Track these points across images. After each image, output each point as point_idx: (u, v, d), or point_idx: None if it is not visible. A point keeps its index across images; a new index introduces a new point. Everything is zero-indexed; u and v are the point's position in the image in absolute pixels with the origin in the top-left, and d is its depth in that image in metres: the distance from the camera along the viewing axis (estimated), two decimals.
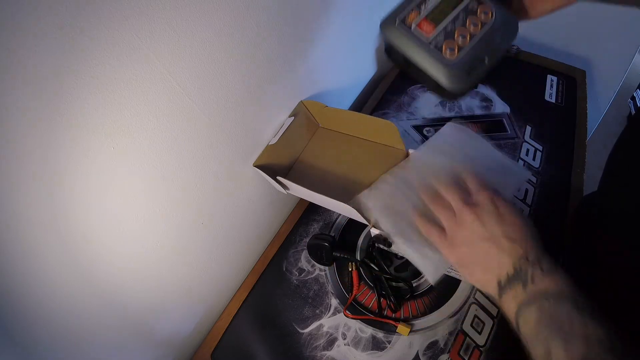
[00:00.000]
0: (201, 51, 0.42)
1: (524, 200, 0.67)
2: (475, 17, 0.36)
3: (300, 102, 0.65)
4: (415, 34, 0.36)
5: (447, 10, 0.36)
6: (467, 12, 0.36)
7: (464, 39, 0.36)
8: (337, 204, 0.52)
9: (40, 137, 0.31)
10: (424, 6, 0.37)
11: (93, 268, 0.40)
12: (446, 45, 0.36)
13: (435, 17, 0.36)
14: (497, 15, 0.36)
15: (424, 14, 0.36)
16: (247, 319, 0.62)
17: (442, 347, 0.54)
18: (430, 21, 0.36)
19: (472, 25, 0.36)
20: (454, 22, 0.36)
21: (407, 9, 0.37)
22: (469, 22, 0.36)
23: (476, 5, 0.37)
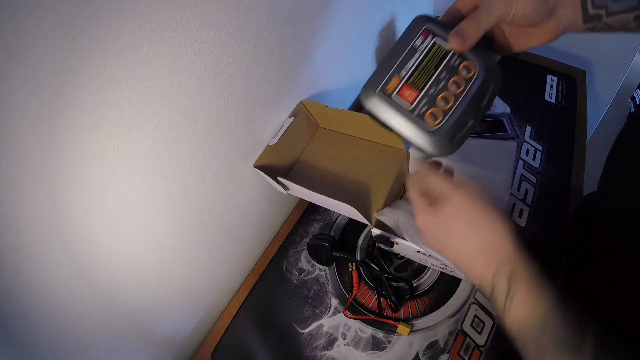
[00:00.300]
0: (201, 51, 0.43)
1: (524, 200, 0.67)
2: (458, 77, 0.34)
3: (300, 102, 0.65)
4: (396, 102, 0.34)
5: (428, 71, 0.34)
6: (449, 71, 0.34)
7: (446, 103, 0.34)
8: (337, 204, 0.52)
9: (40, 137, 0.31)
10: (404, 70, 0.34)
11: (93, 268, 0.40)
12: (429, 113, 0.34)
13: (416, 82, 0.34)
14: (480, 69, 0.34)
15: (405, 80, 0.34)
16: (247, 319, 0.62)
17: (442, 347, 0.54)
18: (412, 87, 0.34)
19: (454, 85, 0.34)
20: (436, 85, 0.34)
21: (387, 75, 0.35)
22: (451, 83, 0.34)
23: (458, 62, 0.34)
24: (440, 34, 0.35)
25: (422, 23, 0.35)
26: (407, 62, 0.34)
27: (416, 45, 0.35)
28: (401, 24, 0.97)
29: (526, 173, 0.71)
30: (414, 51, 0.34)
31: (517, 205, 0.67)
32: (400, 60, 0.34)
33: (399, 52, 0.35)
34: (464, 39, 0.33)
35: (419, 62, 0.34)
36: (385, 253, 0.63)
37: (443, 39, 0.34)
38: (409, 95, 0.34)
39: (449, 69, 0.34)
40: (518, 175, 0.71)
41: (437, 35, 0.35)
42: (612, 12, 0.31)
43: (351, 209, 0.51)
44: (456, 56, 0.34)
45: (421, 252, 0.55)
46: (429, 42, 0.35)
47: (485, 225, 0.32)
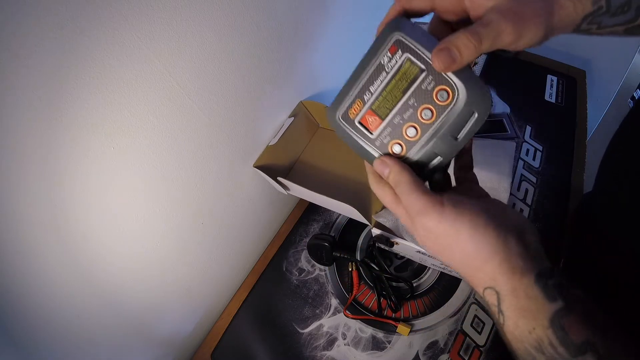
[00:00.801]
0: (201, 51, 0.43)
1: (524, 200, 0.67)
2: (430, 102, 0.28)
3: (300, 103, 0.65)
4: (358, 129, 0.30)
5: (395, 95, 0.29)
6: (420, 97, 0.28)
7: (413, 134, 0.29)
8: (337, 204, 0.52)
9: (41, 137, 0.31)
10: (367, 93, 0.29)
11: (93, 268, 0.40)
12: (392, 143, 0.30)
13: (381, 108, 0.29)
14: (460, 95, 0.27)
15: (369, 105, 0.29)
16: (247, 319, 0.62)
17: (442, 347, 0.54)
18: (376, 113, 0.29)
19: (424, 114, 0.28)
20: (402, 113, 0.29)
21: (349, 98, 0.30)
22: (421, 111, 0.28)
23: (432, 85, 0.28)
24: (415, 47, 0.28)
25: (393, 32, 0.28)
26: (371, 83, 0.29)
27: (383, 62, 0.29)
28: None
29: (526, 173, 0.71)
30: (380, 70, 0.29)
31: (517, 205, 0.67)
32: (365, 82, 0.29)
33: (364, 69, 0.30)
34: (454, 59, 0.25)
35: (385, 84, 0.29)
36: (385, 253, 0.63)
37: (418, 54, 0.28)
38: (372, 122, 0.30)
39: (421, 94, 0.28)
40: (518, 175, 0.71)
41: (409, 50, 0.28)
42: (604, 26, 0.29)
43: (351, 209, 0.51)
44: (431, 77, 0.28)
45: (421, 252, 0.55)
46: (398, 58, 0.28)
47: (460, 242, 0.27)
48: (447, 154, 0.29)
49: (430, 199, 0.28)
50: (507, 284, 0.26)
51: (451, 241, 0.27)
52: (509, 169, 0.69)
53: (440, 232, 0.27)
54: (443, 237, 0.27)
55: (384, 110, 0.29)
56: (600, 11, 0.28)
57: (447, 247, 0.28)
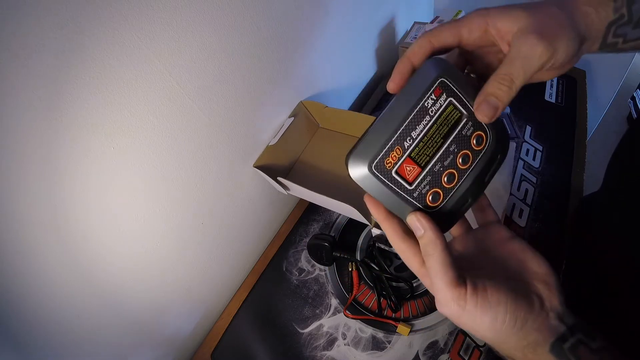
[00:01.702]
0: (201, 51, 0.43)
1: (524, 200, 0.67)
2: (468, 149, 0.28)
3: (300, 102, 0.65)
4: (395, 180, 0.27)
5: (436, 141, 0.27)
6: (459, 142, 0.27)
7: (450, 182, 0.28)
8: (337, 204, 0.52)
9: (41, 137, 0.31)
10: (409, 139, 0.26)
11: (93, 268, 0.40)
12: (430, 193, 0.28)
13: (421, 155, 0.27)
14: (491, 140, 0.28)
15: (409, 152, 0.27)
16: (247, 319, 0.62)
17: (442, 347, 0.54)
18: (415, 162, 0.27)
19: (461, 160, 0.28)
20: (443, 160, 0.27)
21: (387, 145, 0.26)
22: (459, 157, 0.28)
23: (471, 131, 0.27)
24: (458, 91, 0.27)
25: (437, 73, 0.26)
26: (413, 128, 0.26)
27: (427, 104, 0.26)
28: (401, 24, 0.97)
29: (526, 173, 0.71)
30: (424, 113, 0.26)
31: (517, 205, 0.67)
32: (406, 126, 0.26)
33: (405, 111, 0.26)
34: (496, 107, 0.26)
35: (428, 129, 0.27)
36: (385, 253, 0.63)
37: (460, 98, 0.27)
38: (410, 172, 0.27)
39: (460, 140, 0.27)
40: (518, 175, 0.71)
41: (453, 94, 0.27)
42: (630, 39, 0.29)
43: (351, 209, 0.51)
44: (470, 123, 0.27)
45: None
46: (442, 102, 0.27)
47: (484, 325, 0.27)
48: (475, 196, 0.29)
49: (454, 293, 0.26)
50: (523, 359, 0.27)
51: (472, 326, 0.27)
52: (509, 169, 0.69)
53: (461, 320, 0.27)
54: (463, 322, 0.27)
55: (424, 158, 0.27)
56: (622, 20, 0.28)
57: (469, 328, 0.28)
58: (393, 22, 0.92)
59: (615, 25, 0.28)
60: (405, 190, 0.27)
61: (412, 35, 0.89)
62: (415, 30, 0.91)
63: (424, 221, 0.28)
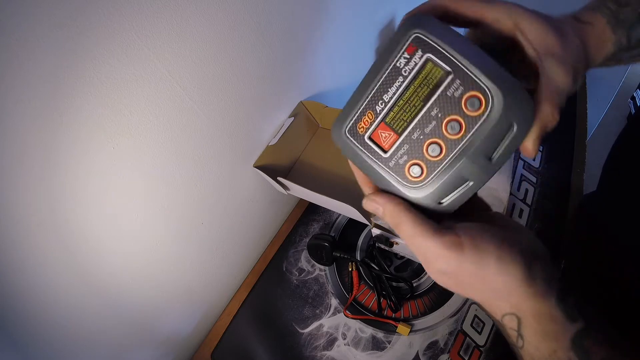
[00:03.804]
0: (201, 51, 0.43)
1: (524, 200, 0.67)
2: (459, 113, 0.23)
3: (300, 103, 0.65)
4: (369, 147, 0.25)
5: (415, 105, 0.23)
6: (445, 105, 0.23)
7: (436, 153, 0.24)
8: (337, 204, 0.52)
9: (41, 137, 0.31)
10: (381, 103, 0.24)
11: (93, 268, 0.40)
12: (410, 164, 0.24)
13: (397, 120, 0.24)
14: (495, 102, 0.22)
15: (382, 116, 0.24)
16: (247, 319, 0.62)
17: (442, 347, 0.54)
18: (390, 128, 0.24)
19: (451, 127, 0.23)
20: (423, 126, 0.24)
21: (358, 110, 0.25)
22: (446, 123, 0.23)
23: (461, 90, 0.22)
24: (438, 44, 0.22)
25: (411, 29, 0.23)
26: (385, 91, 0.24)
27: (400, 64, 0.23)
28: None
29: (526, 173, 0.71)
30: (395, 74, 0.23)
31: (517, 205, 0.67)
32: (377, 89, 0.24)
33: (376, 75, 0.24)
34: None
35: (402, 91, 0.24)
36: (385, 253, 0.63)
37: (442, 53, 0.22)
38: (385, 139, 0.25)
39: (446, 103, 0.23)
40: (518, 175, 0.71)
41: (431, 49, 0.23)
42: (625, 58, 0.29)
43: (351, 209, 0.51)
44: (458, 81, 0.22)
45: None
46: (418, 60, 0.23)
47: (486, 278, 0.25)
48: (478, 178, 0.24)
49: (446, 242, 0.24)
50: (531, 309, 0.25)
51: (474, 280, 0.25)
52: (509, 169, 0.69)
53: (462, 273, 0.25)
54: (465, 276, 0.25)
55: (401, 124, 0.24)
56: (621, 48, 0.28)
57: (469, 285, 0.26)
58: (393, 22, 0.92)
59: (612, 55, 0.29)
60: (379, 158, 0.25)
61: None
62: None
63: (378, 198, 0.26)
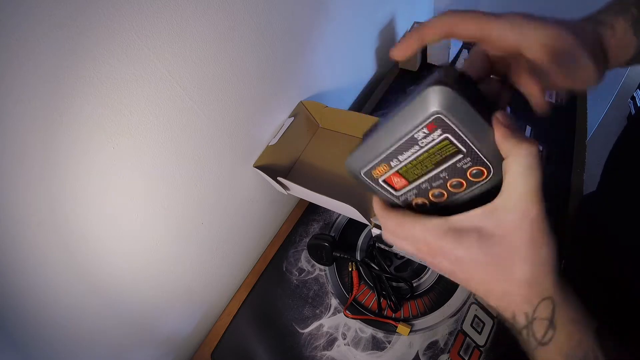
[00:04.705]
0: (201, 51, 0.43)
1: None
2: (463, 178, 0.26)
3: (300, 103, 0.65)
4: (382, 186, 0.29)
5: (426, 165, 0.26)
6: (453, 171, 0.26)
7: (438, 197, 0.28)
8: (337, 204, 0.52)
9: (41, 137, 0.31)
10: (396, 160, 0.27)
11: (93, 268, 0.40)
12: (416, 200, 0.29)
13: (409, 173, 0.27)
14: (494, 176, 0.26)
15: (396, 169, 0.27)
16: (247, 319, 0.62)
17: (442, 347, 0.54)
18: (402, 176, 0.28)
19: (454, 185, 0.27)
20: (430, 182, 0.27)
21: (375, 161, 0.27)
22: (451, 182, 0.27)
23: (470, 164, 0.25)
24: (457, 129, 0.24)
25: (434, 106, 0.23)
26: (400, 153, 0.26)
27: (418, 137, 0.25)
28: (401, 24, 0.97)
29: None
30: (412, 143, 0.25)
31: None
32: (394, 150, 0.26)
33: (394, 135, 0.26)
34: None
35: (417, 156, 0.26)
36: (385, 253, 0.63)
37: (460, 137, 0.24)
38: (397, 183, 0.28)
39: (454, 171, 0.26)
40: None
41: (450, 132, 0.24)
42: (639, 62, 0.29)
43: (351, 209, 0.51)
44: (468, 159, 0.25)
45: None
46: (436, 137, 0.24)
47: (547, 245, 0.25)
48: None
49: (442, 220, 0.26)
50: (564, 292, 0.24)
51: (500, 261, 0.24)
52: None
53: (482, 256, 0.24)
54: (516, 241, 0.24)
55: (412, 175, 0.27)
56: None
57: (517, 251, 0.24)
58: (393, 22, 0.92)
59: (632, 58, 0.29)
60: (391, 194, 0.30)
61: None
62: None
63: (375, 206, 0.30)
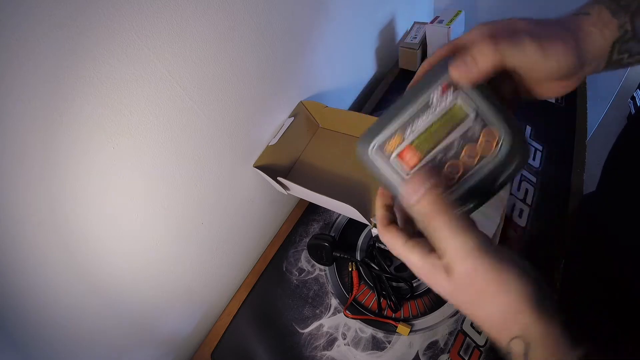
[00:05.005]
0: (201, 51, 0.43)
1: (524, 200, 0.67)
2: (474, 147, 0.27)
3: (300, 103, 0.65)
4: (392, 165, 0.28)
5: (440, 134, 0.27)
6: (465, 139, 0.27)
7: (451, 176, 0.27)
8: (337, 204, 0.52)
9: (41, 137, 0.31)
10: (410, 128, 0.27)
11: (93, 268, 0.40)
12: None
13: (422, 144, 0.27)
14: (504, 142, 0.27)
15: (409, 140, 0.27)
16: (247, 319, 0.62)
17: (442, 347, 0.54)
18: (416, 149, 0.27)
19: (467, 156, 0.27)
20: (445, 152, 0.27)
21: (389, 132, 0.28)
22: (464, 152, 0.27)
23: (479, 130, 0.27)
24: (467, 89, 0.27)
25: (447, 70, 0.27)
26: (415, 120, 0.27)
27: (432, 100, 0.27)
28: (401, 24, 0.97)
29: (526, 173, 0.71)
30: (426, 107, 0.27)
31: (517, 205, 0.67)
32: (408, 118, 0.27)
33: (409, 104, 0.28)
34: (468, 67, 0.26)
35: (431, 123, 0.27)
36: (385, 253, 0.63)
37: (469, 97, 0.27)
38: (409, 159, 0.28)
39: (466, 138, 0.27)
40: (518, 175, 0.71)
41: (461, 93, 0.27)
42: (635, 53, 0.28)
43: (351, 209, 0.51)
44: (479, 123, 0.27)
45: None
46: (447, 99, 0.27)
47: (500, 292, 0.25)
48: (480, 199, 0.28)
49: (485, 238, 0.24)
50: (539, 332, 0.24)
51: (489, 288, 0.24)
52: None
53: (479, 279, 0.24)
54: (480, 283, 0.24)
55: (426, 146, 0.27)
56: (627, 36, 0.28)
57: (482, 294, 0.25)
58: (393, 22, 0.92)
59: (620, 42, 0.28)
60: (401, 176, 0.28)
61: (412, 35, 0.89)
62: (415, 30, 0.90)
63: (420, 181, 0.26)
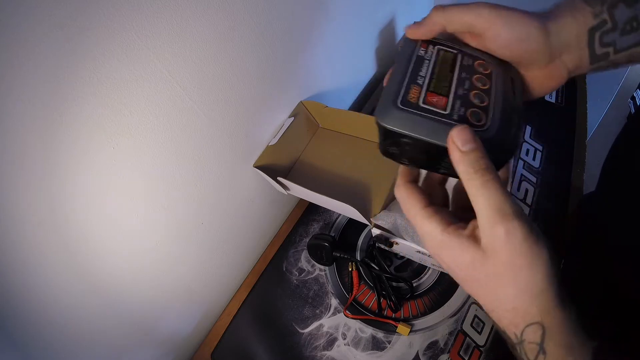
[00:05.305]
0: (201, 51, 0.43)
1: (524, 200, 0.67)
2: (479, 74, 0.30)
3: (300, 103, 0.65)
4: (428, 109, 0.27)
5: (446, 76, 0.29)
6: (467, 71, 0.30)
7: (481, 100, 0.28)
8: (337, 204, 0.52)
9: (41, 137, 0.31)
10: (419, 79, 0.29)
11: (93, 268, 0.40)
12: (470, 113, 0.27)
13: (438, 88, 0.28)
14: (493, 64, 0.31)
15: (426, 87, 0.28)
16: (247, 319, 0.62)
17: (442, 347, 0.54)
18: (437, 93, 0.28)
19: (479, 82, 0.29)
20: (462, 86, 0.29)
21: (403, 87, 0.28)
22: (475, 80, 0.29)
23: (471, 60, 0.30)
24: (439, 41, 0.32)
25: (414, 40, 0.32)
26: (418, 71, 0.29)
27: (421, 54, 0.30)
28: (401, 24, 0.97)
29: (526, 173, 0.71)
30: (421, 60, 0.30)
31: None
32: (411, 71, 0.29)
33: (404, 65, 0.29)
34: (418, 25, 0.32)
35: (432, 68, 0.30)
36: (385, 253, 0.63)
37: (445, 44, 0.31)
38: (438, 102, 0.27)
39: (467, 69, 0.30)
40: (518, 175, 0.71)
41: (437, 44, 0.31)
42: (620, 48, 0.28)
43: (351, 209, 0.51)
44: (467, 56, 0.31)
45: (421, 252, 0.55)
46: (432, 49, 0.31)
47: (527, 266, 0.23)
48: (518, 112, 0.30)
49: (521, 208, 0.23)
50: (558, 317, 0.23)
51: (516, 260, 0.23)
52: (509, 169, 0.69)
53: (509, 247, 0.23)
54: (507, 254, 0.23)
55: (444, 88, 0.28)
56: (606, 26, 0.27)
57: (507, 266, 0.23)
58: (393, 22, 0.92)
59: (600, 32, 0.27)
60: (442, 116, 0.27)
61: None
62: None
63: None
